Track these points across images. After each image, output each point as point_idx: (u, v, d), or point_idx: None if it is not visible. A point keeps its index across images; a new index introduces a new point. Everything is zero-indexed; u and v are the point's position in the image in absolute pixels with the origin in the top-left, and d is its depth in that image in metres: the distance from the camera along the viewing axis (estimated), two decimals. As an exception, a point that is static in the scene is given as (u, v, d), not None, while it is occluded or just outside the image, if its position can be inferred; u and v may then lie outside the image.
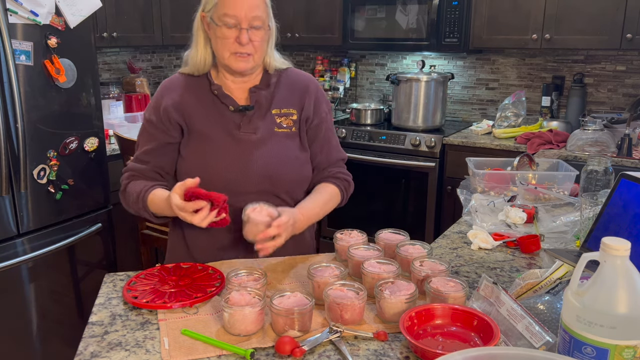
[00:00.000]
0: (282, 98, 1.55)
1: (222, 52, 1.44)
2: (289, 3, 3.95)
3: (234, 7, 1.39)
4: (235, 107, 1.50)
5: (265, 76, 1.55)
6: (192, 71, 1.53)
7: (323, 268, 1.28)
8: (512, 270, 1.44)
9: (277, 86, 1.55)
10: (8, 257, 2.30)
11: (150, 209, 1.46)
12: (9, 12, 2.18)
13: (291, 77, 1.59)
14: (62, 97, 2.45)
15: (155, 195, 1.45)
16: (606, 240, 0.85)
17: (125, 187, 1.52)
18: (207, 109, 1.51)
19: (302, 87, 1.58)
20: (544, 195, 1.88)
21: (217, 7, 1.41)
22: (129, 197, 1.50)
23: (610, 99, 3.42)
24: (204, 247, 1.54)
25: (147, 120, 1.54)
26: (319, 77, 4.25)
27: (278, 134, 1.52)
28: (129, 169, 1.54)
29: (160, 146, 1.51)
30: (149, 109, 1.55)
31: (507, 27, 3.29)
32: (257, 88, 1.53)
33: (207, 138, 1.49)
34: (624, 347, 0.83)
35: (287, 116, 1.54)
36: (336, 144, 1.65)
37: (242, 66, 1.45)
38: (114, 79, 3.77)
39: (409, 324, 1.08)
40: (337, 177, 1.61)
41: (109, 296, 1.29)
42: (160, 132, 1.51)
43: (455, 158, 3.27)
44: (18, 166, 2.27)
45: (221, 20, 1.41)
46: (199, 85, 1.53)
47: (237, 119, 1.50)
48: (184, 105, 1.50)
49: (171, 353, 1.05)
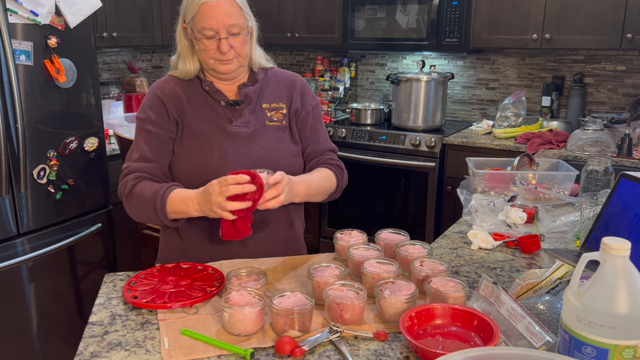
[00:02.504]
0: (270, 93, 1.60)
1: (207, 60, 1.49)
2: (289, 3, 3.95)
3: (210, 20, 1.42)
4: (227, 102, 1.54)
5: (252, 74, 1.60)
6: (182, 75, 1.56)
7: (323, 268, 1.28)
8: (512, 270, 1.44)
9: (265, 82, 1.60)
10: (8, 257, 2.30)
11: (168, 208, 1.41)
12: (9, 12, 2.18)
13: (277, 74, 1.64)
14: (62, 97, 2.45)
15: (180, 191, 1.41)
16: (606, 240, 0.85)
17: (132, 189, 1.45)
18: (199, 106, 1.53)
19: (288, 83, 1.63)
20: (544, 195, 1.88)
21: (195, 22, 1.45)
22: (138, 200, 1.44)
23: (610, 99, 3.42)
24: (198, 241, 1.54)
25: (143, 120, 1.52)
26: (319, 77, 4.25)
27: (269, 127, 1.56)
28: (134, 170, 1.48)
29: (163, 143, 1.51)
30: (144, 108, 1.54)
31: (507, 27, 3.29)
32: (245, 85, 1.57)
33: (200, 134, 1.51)
34: (624, 347, 0.83)
35: (277, 110, 1.58)
36: (324, 135, 1.67)
37: (227, 68, 1.50)
38: (114, 79, 3.77)
39: (409, 324, 1.08)
40: (330, 163, 1.63)
41: (109, 296, 1.29)
42: (161, 127, 1.51)
43: (455, 158, 3.27)
44: (18, 166, 2.27)
45: (200, 34, 1.45)
46: (190, 84, 1.56)
47: (228, 114, 1.54)
48: (179, 101, 1.53)
49: (171, 353, 1.05)
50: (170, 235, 1.60)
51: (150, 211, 1.42)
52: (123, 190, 1.48)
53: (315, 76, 4.29)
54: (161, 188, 1.42)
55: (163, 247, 1.64)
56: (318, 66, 4.31)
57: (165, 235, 1.62)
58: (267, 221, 1.55)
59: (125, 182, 1.48)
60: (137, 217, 1.50)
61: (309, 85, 1.70)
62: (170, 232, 1.59)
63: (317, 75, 4.28)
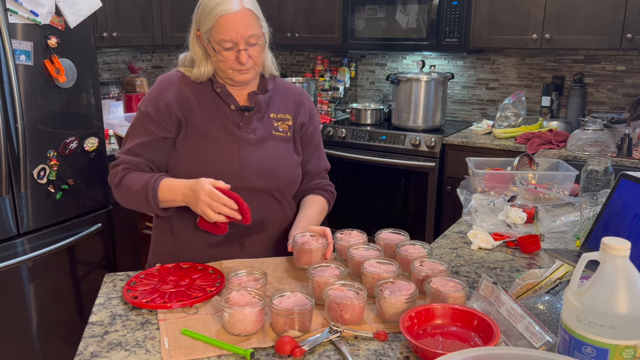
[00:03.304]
0: (278, 104, 1.61)
1: (224, 70, 1.49)
2: (289, 3, 3.95)
3: (229, 32, 1.42)
4: (237, 106, 1.53)
5: (262, 82, 1.60)
6: (195, 79, 1.54)
7: (323, 268, 1.28)
8: (512, 270, 1.44)
9: (274, 92, 1.61)
10: (8, 257, 2.30)
11: (159, 197, 1.44)
12: (9, 12, 2.18)
13: (284, 85, 1.66)
14: (62, 97, 2.45)
15: (169, 180, 1.45)
16: (606, 240, 0.85)
17: (121, 180, 1.48)
18: (208, 106, 1.53)
19: (296, 98, 1.65)
20: (544, 195, 1.88)
21: (213, 33, 1.44)
22: (128, 190, 1.47)
23: (610, 99, 3.42)
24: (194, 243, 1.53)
25: (143, 113, 1.52)
26: (319, 77, 4.25)
27: (275, 136, 1.57)
28: (122, 162, 1.50)
29: (156, 140, 1.50)
30: (146, 101, 1.53)
31: (507, 27, 3.29)
32: (256, 93, 1.57)
33: (206, 135, 1.50)
34: (624, 347, 0.83)
35: (283, 121, 1.59)
36: (324, 154, 1.75)
37: (245, 78, 1.50)
38: (114, 79, 3.77)
39: (409, 324, 1.08)
40: (325, 189, 1.70)
41: (109, 296, 1.29)
42: (158, 126, 1.50)
43: (455, 158, 3.27)
44: (18, 166, 2.27)
45: (219, 45, 1.44)
46: (201, 84, 1.54)
47: (237, 119, 1.53)
48: (186, 100, 1.51)
49: (171, 353, 1.05)
50: (165, 238, 1.58)
51: (142, 200, 1.45)
52: (113, 180, 1.51)
53: (315, 76, 4.28)
54: (151, 178, 1.45)
55: (156, 250, 1.62)
56: (318, 66, 4.31)
57: (161, 238, 1.60)
58: (265, 224, 1.55)
59: (115, 171, 1.51)
60: (128, 205, 1.53)
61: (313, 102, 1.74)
62: (166, 235, 1.57)
63: (317, 75, 4.28)
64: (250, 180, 1.50)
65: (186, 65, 1.57)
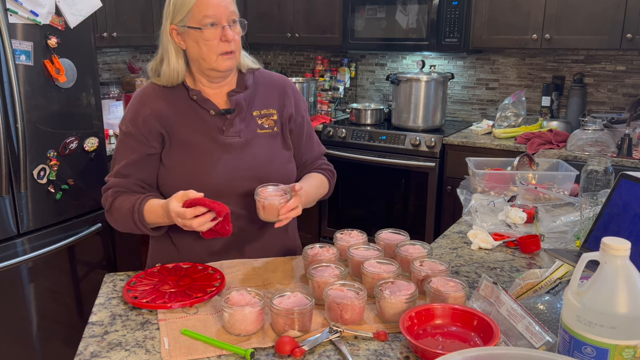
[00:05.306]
0: (261, 99, 1.56)
1: (209, 55, 1.43)
2: (289, 3, 3.95)
3: (211, 7, 1.39)
4: (217, 111, 1.49)
5: (240, 77, 1.55)
6: (166, 83, 1.49)
7: (323, 268, 1.28)
8: (512, 270, 1.44)
9: (254, 88, 1.56)
10: (8, 257, 2.30)
11: (146, 219, 1.42)
12: (9, 12, 2.18)
13: (265, 77, 1.60)
14: (62, 97, 2.45)
15: (151, 204, 1.41)
16: (606, 240, 0.85)
17: (111, 204, 1.47)
18: (188, 116, 1.48)
19: (279, 88, 1.59)
20: (544, 195, 1.88)
21: (193, 13, 1.40)
22: (118, 214, 1.45)
23: (610, 99, 3.42)
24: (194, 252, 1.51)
25: (124, 133, 1.49)
26: (319, 77, 4.25)
27: (261, 134, 1.53)
28: (111, 186, 1.48)
29: (141, 158, 1.47)
30: (125, 121, 1.50)
31: (507, 27, 3.29)
32: (235, 92, 1.52)
33: (190, 145, 1.47)
34: (624, 347, 0.83)
35: (267, 117, 1.55)
36: (317, 139, 1.70)
37: (229, 64, 1.45)
38: (114, 79, 3.77)
39: (409, 324, 1.08)
40: (323, 168, 1.67)
41: (109, 296, 1.29)
42: (140, 143, 1.47)
43: (455, 158, 3.27)
44: (18, 166, 2.27)
45: (201, 23, 1.40)
46: (176, 93, 1.50)
47: (219, 123, 1.49)
48: (164, 113, 1.47)
49: (171, 353, 1.05)
50: (165, 247, 1.56)
51: (131, 224, 1.43)
52: (104, 205, 1.50)
53: (315, 76, 4.28)
54: (137, 201, 1.43)
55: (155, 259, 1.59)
56: (318, 66, 4.30)
57: (160, 247, 1.58)
58: (263, 230, 1.54)
59: (105, 196, 1.49)
60: (122, 229, 1.50)
61: (299, 91, 1.68)
62: (165, 245, 1.56)
63: (317, 75, 4.28)
64: (243, 185, 1.47)
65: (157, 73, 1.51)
